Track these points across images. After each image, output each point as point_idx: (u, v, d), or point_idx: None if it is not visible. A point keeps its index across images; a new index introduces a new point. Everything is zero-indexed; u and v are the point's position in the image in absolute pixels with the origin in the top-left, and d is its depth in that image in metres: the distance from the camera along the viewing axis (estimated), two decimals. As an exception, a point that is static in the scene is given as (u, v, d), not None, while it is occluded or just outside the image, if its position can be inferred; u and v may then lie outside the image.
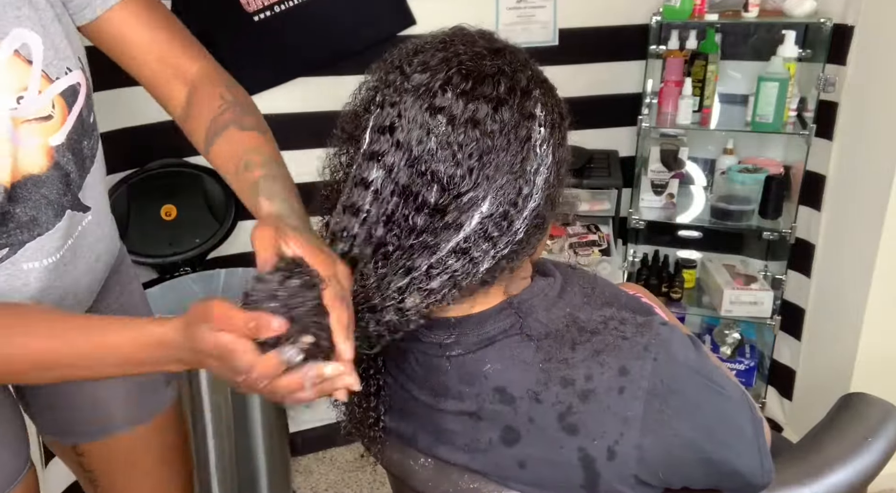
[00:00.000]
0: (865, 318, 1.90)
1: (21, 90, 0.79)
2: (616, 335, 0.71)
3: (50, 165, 0.84)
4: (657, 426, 0.69)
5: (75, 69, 0.85)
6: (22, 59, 0.79)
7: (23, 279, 0.87)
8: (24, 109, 0.80)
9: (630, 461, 0.69)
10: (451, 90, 0.65)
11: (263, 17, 1.91)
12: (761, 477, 0.75)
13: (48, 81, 0.82)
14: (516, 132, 0.66)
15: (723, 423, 0.73)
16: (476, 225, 0.66)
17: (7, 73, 0.78)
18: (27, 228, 0.84)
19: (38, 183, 0.83)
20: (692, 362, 0.72)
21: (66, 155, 0.86)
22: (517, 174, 0.66)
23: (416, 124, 0.65)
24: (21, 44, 0.79)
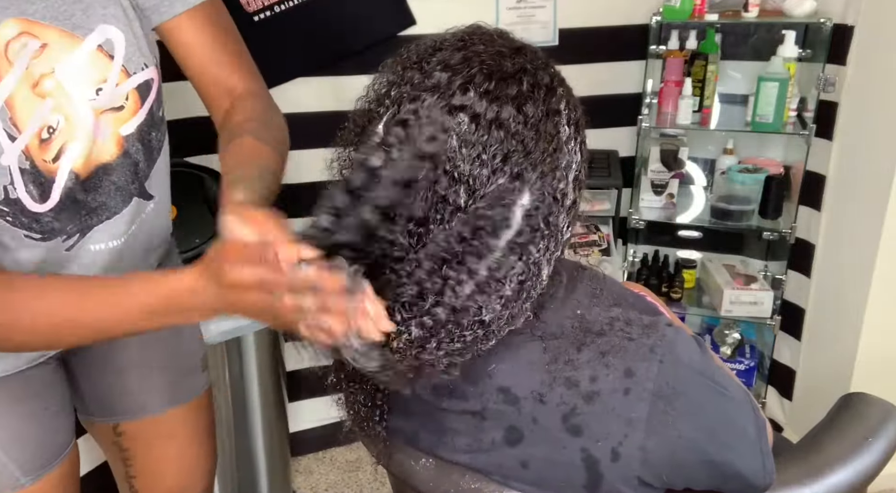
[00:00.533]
0: (865, 318, 1.90)
1: (101, 82, 0.86)
2: (622, 337, 0.70)
3: (120, 153, 0.90)
4: (661, 428, 0.69)
5: (151, 66, 0.92)
6: (104, 53, 0.86)
7: (89, 260, 0.92)
8: (102, 99, 0.86)
9: (634, 462, 0.69)
10: (474, 89, 0.63)
11: (263, 17, 1.91)
12: (763, 478, 0.75)
13: (126, 75, 0.88)
14: (545, 126, 0.65)
15: (726, 425, 0.73)
16: (522, 220, 0.63)
17: (90, 66, 0.84)
18: (96, 214, 0.90)
19: (108, 170, 0.90)
20: (697, 363, 0.72)
21: (135, 144, 0.92)
22: (551, 167, 0.65)
23: (436, 123, 0.63)
24: (105, 39, 0.85)
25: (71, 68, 0.82)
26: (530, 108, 0.64)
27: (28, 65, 0.79)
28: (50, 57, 0.81)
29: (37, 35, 0.79)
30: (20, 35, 0.78)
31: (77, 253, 0.91)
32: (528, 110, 0.64)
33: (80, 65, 0.83)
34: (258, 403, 1.91)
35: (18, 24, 0.78)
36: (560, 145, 0.66)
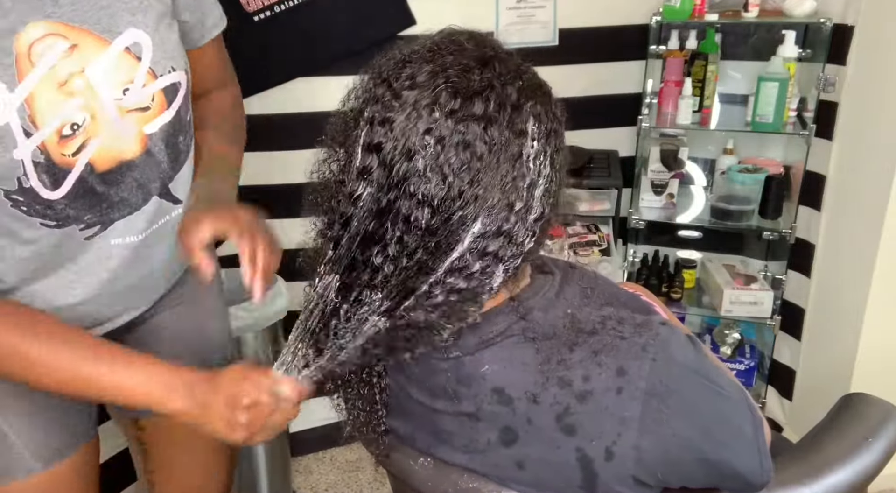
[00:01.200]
0: (865, 318, 1.90)
1: (128, 83, 0.90)
2: (614, 336, 0.71)
3: (142, 151, 0.94)
4: (655, 427, 0.69)
5: (179, 70, 0.96)
6: (132, 55, 0.90)
7: (106, 253, 0.96)
8: (128, 99, 0.90)
9: (628, 461, 0.69)
10: (440, 110, 0.63)
11: (263, 17, 1.91)
12: (760, 477, 0.75)
13: (153, 77, 0.92)
14: (507, 150, 0.64)
15: (721, 423, 0.73)
16: (469, 244, 0.66)
17: (117, 67, 0.88)
18: (117, 208, 0.94)
19: (130, 167, 0.93)
20: (691, 362, 0.72)
21: (158, 144, 0.96)
22: (509, 192, 0.65)
23: (403, 145, 0.64)
24: (133, 42, 0.89)
25: (100, 69, 0.86)
26: (494, 131, 0.64)
27: (55, 64, 0.82)
28: (81, 57, 0.85)
29: (66, 37, 0.83)
30: (46, 36, 0.82)
31: (97, 244, 0.94)
32: (492, 133, 0.64)
33: (108, 66, 0.87)
34: (258, 403, 1.91)
35: (46, 26, 0.82)
36: (521, 166, 0.66)
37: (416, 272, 0.66)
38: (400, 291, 0.67)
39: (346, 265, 0.68)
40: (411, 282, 0.67)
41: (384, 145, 0.65)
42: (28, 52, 0.81)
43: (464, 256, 0.66)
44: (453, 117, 0.63)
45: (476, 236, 0.66)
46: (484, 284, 0.68)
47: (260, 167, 2.08)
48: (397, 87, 0.66)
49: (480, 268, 0.67)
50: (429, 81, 0.65)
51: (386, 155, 0.64)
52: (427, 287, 0.67)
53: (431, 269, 0.66)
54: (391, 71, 0.68)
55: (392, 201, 0.65)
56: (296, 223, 2.52)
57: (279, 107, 2.03)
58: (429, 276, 0.67)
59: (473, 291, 0.68)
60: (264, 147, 2.07)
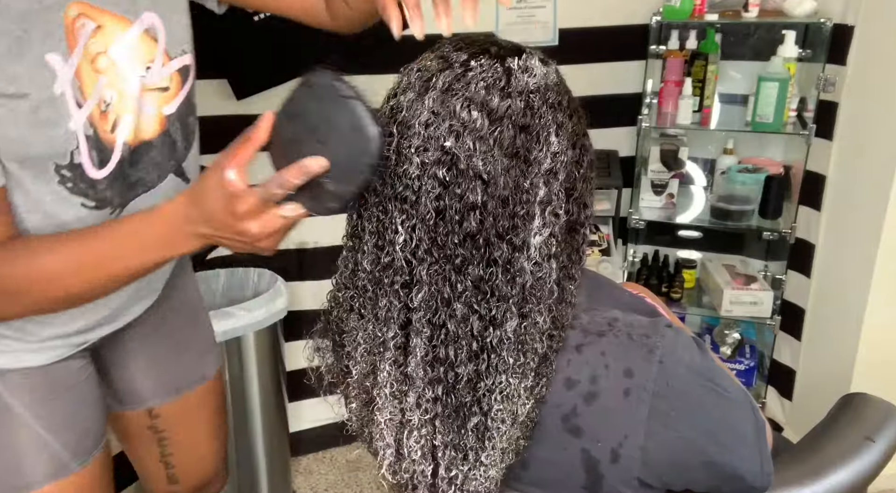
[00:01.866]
0: (865, 318, 1.90)
1: (149, 62, 0.93)
2: (621, 337, 0.71)
3: (161, 131, 0.97)
4: (661, 429, 0.69)
5: (188, 52, 1.00)
6: (150, 37, 0.93)
7: None
8: (151, 77, 0.94)
9: (634, 463, 0.69)
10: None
11: (263, 16, 1.91)
12: (761, 480, 0.75)
13: (168, 58, 0.96)
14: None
15: (726, 426, 0.73)
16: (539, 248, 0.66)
17: (139, 47, 0.92)
18: (134, 188, 0.96)
19: (149, 147, 0.96)
20: (697, 364, 0.72)
21: (175, 124, 0.99)
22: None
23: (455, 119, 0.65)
24: (150, 24, 0.93)
25: (123, 48, 0.89)
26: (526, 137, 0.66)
27: (87, 44, 0.86)
28: (105, 37, 0.88)
29: (92, 17, 0.86)
30: (79, 16, 0.85)
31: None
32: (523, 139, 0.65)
33: (130, 45, 0.90)
34: (258, 403, 1.91)
35: (78, 7, 0.85)
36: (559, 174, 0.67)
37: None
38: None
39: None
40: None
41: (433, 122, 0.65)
42: (73, 28, 0.84)
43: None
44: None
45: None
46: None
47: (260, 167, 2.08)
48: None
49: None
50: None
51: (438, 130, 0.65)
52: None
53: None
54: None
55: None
56: (296, 223, 2.49)
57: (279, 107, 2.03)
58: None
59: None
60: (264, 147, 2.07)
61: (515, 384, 0.67)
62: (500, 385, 0.66)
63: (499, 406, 0.67)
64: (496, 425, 0.67)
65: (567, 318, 0.70)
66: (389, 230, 0.66)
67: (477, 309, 0.65)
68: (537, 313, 0.67)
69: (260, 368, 1.89)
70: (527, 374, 0.67)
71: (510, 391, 0.67)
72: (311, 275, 2.17)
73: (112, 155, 0.90)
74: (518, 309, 0.66)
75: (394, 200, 0.66)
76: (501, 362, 0.66)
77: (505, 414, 0.67)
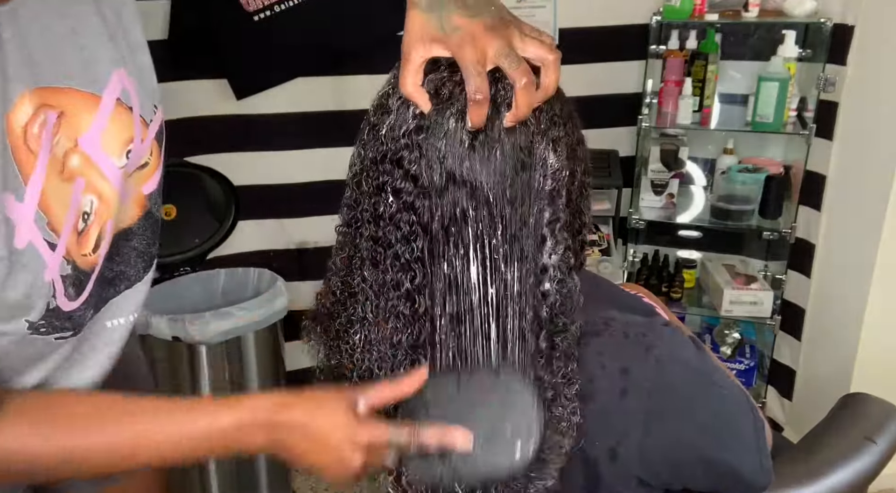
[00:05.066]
0: (865, 318, 1.90)
1: (129, 143, 0.71)
2: (618, 337, 0.71)
3: (141, 214, 0.78)
4: (659, 427, 0.69)
5: (159, 105, 0.77)
6: (124, 107, 0.71)
7: (105, 338, 0.78)
8: (132, 162, 0.72)
9: (632, 462, 0.69)
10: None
11: (263, 16, 1.91)
12: (761, 478, 0.75)
13: (145, 126, 0.74)
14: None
15: (724, 424, 0.73)
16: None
17: (114, 126, 0.69)
18: (113, 285, 0.76)
19: (128, 235, 0.76)
20: (694, 363, 0.72)
21: (156, 201, 0.79)
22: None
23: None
24: (121, 89, 0.70)
25: (94, 135, 0.67)
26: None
27: (52, 146, 0.63)
28: (70, 127, 0.65)
29: (52, 104, 0.63)
30: (38, 110, 0.62)
31: (92, 328, 0.76)
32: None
33: (103, 128, 0.68)
34: (258, 403, 1.91)
35: (33, 97, 0.61)
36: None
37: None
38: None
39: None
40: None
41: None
42: (24, 138, 0.60)
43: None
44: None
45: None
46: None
47: (259, 167, 2.09)
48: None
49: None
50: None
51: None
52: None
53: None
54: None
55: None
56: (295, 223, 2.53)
57: (279, 107, 2.03)
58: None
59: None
60: (264, 147, 2.07)
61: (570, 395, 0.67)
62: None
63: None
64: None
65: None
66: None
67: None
68: (572, 323, 0.67)
69: (260, 368, 1.89)
70: (573, 381, 0.67)
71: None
72: (311, 275, 2.17)
73: (91, 277, 0.71)
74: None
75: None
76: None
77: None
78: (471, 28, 0.59)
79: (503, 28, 0.60)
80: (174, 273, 2.02)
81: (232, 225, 2.07)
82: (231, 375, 1.83)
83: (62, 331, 0.70)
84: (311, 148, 2.09)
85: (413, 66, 0.61)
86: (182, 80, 1.95)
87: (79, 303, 0.70)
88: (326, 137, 2.04)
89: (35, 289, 0.63)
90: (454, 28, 0.59)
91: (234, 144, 2.06)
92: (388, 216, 0.64)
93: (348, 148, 0.70)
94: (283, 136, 2.06)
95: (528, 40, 0.61)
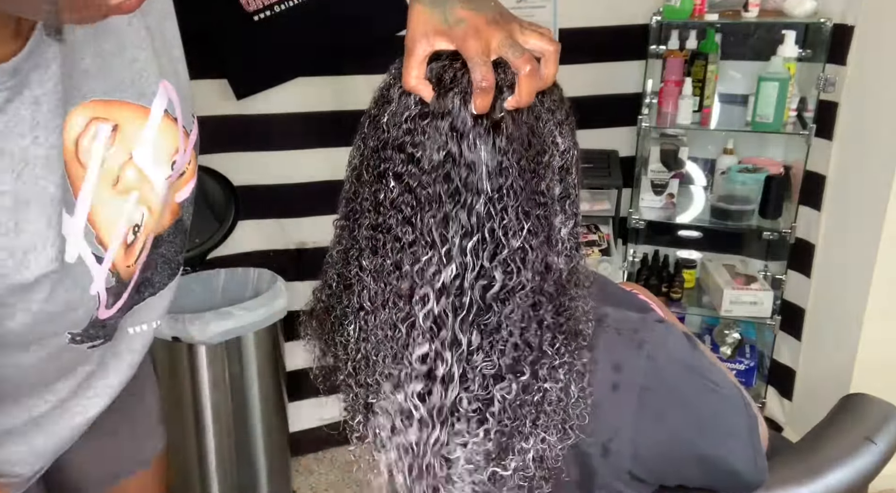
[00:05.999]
0: (865, 318, 1.90)
1: (174, 154, 0.72)
2: (610, 333, 0.71)
3: (173, 221, 0.78)
4: (651, 423, 0.69)
5: (194, 116, 0.78)
6: (170, 118, 0.71)
7: (124, 346, 0.80)
8: (175, 172, 0.73)
9: (624, 457, 0.69)
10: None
11: (263, 16, 1.91)
12: (755, 475, 0.75)
13: (186, 136, 0.74)
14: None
15: (716, 420, 0.73)
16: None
17: (162, 138, 0.70)
18: (138, 292, 0.76)
19: (158, 243, 0.76)
20: (687, 358, 0.72)
21: (188, 209, 0.80)
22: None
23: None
24: (168, 100, 0.71)
25: (146, 148, 0.68)
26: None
27: (103, 159, 0.63)
28: (126, 140, 0.66)
29: (107, 117, 0.64)
30: (90, 124, 0.62)
31: (114, 343, 0.77)
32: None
33: (153, 140, 0.69)
34: (258, 403, 1.91)
35: (85, 110, 0.62)
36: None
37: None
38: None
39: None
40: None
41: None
42: (76, 152, 0.61)
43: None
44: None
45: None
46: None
47: (259, 167, 2.08)
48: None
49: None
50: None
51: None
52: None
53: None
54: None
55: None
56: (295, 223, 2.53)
57: (279, 107, 2.03)
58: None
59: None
60: (264, 147, 2.07)
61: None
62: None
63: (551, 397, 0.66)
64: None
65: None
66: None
67: (525, 328, 0.64)
68: (581, 299, 0.67)
69: (260, 368, 1.89)
70: (583, 374, 0.67)
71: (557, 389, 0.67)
72: (310, 275, 2.17)
73: (129, 285, 0.71)
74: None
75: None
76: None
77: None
78: (474, 21, 0.60)
79: (505, 22, 0.62)
80: (174, 273, 2.02)
81: (232, 225, 2.07)
82: (231, 375, 1.83)
83: (95, 339, 0.71)
84: (311, 148, 2.09)
85: (417, 59, 0.62)
86: (182, 80, 1.95)
87: (114, 311, 0.71)
88: (326, 137, 2.04)
89: (83, 303, 0.64)
90: (458, 20, 0.60)
91: (234, 144, 2.05)
92: (390, 202, 0.63)
93: (348, 148, 0.70)
94: (283, 136, 2.06)
95: (529, 33, 0.64)
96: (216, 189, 2.03)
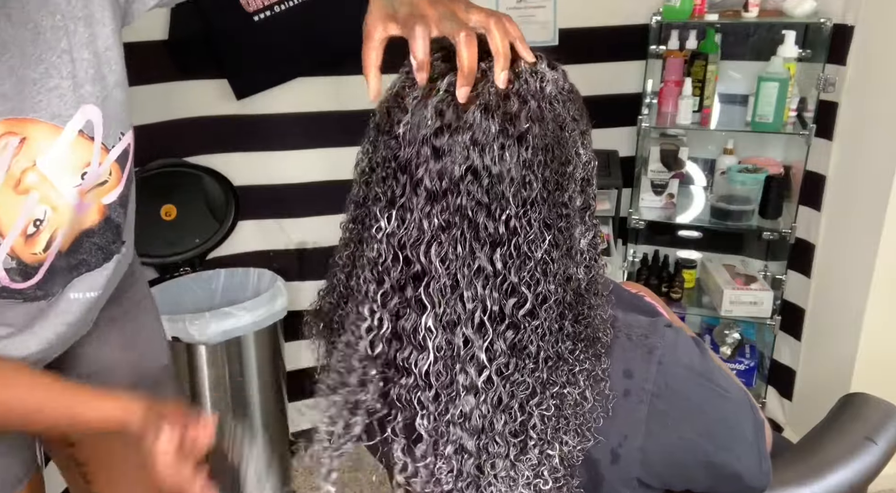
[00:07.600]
0: (865, 318, 1.90)
1: (85, 167, 0.84)
2: (620, 338, 0.70)
3: (101, 219, 0.92)
4: (660, 429, 0.69)
5: (127, 131, 0.90)
6: (85, 137, 0.83)
7: (65, 307, 0.94)
8: (87, 182, 0.85)
9: (633, 463, 0.69)
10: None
11: (263, 17, 1.91)
12: (759, 479, 0.75)
13: (105, 152, 0.87)
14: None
15: (725, 426, 0.73)
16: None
17: (72, 153, 0.82)
18: (76, 269, 0.92)
19: (90, 234, 0.91)
20: (696, 365, 0.71)
21: (116, 210, 0.93)
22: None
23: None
24: (85, 122, 0.83)
25: (53, 159, 0.80)
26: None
27: (9, 165, 0.77)
28: (31, 149, 0.78)
29: (17, 131, 0.77)
30: (2, 137, 0.75)
31: (55, 303, 0.92)
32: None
33: (61, 154, 0.81)
34: (258, 403, 1.91)
35: (1, 127, 0.75)
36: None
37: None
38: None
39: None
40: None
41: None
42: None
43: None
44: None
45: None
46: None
47: (259, 167, 2.09)
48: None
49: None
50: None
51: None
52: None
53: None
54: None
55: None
56: (295, 223, 2.53)
57: (279, 107, 2.03)
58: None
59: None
60: (264, 147, 2.07)
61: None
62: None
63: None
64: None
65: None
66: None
67: (546, 347, 0.64)
68: (601, 307, 0.68)
69: (260, 368, 1.89)
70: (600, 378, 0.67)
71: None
72: (311, 275, 2.17)
73: (39, 269, 0.85)
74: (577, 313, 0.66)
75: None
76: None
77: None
78: (417, 2, 0.66)
79: (448, 2, 0.66)
80: (174, 273, 2.02)
81: (232, 225, 2.07)
82: (231, 375, 1.83)
83: (13, 298, 0.86)
84: (311, 148, 2.09)
85: (374, 43, 0.67)
86: (182, 80, 1.95)
87: (26, 285, 0.86)
88: (326, 137, 2.04)
89: None
90: (402, 3, 0.67)
91: (234, 144, 2.06)
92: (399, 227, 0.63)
93: (348, 148, 0.70)
94: (283, 136, 2.06)
95: (473, 10, 0.67)
96: (216, 189, 2.03)
